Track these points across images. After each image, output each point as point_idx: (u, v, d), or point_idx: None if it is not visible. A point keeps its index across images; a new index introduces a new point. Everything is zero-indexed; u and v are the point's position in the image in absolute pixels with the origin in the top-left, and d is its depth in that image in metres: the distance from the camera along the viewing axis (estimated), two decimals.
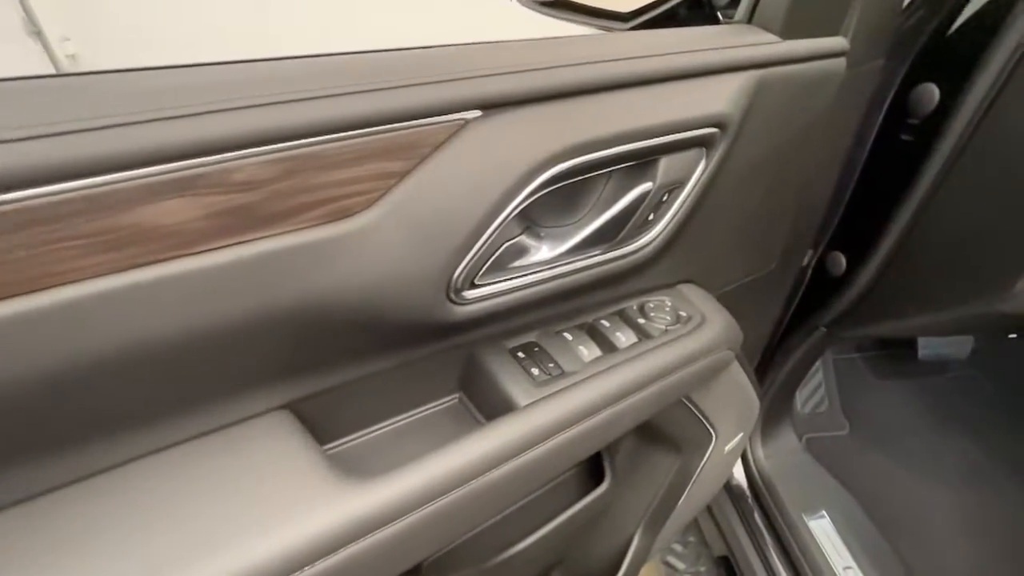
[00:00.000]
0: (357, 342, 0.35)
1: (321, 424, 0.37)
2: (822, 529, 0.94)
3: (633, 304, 0.52)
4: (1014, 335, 1.15)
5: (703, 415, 0.62)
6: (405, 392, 0.42)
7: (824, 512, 0.96)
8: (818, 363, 1.12)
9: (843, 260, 0.80)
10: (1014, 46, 0.56)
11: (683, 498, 0.71)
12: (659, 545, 0.78)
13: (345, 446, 0.39)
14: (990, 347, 1.21)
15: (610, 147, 0.37)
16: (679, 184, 0.43)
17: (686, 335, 0.49)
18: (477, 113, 0.32)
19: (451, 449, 0.35)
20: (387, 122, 0.29)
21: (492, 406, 0.41)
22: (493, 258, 0.36)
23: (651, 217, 0.43)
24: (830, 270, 0.82)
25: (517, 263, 0.38)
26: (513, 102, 0.33)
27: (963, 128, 0.61)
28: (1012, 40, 0.56)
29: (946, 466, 1.05)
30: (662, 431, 0.62)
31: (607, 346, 0.46)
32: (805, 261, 0.85)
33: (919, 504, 0.99)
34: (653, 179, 0.41)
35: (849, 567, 0.89)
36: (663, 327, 0.49)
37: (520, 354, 0.43)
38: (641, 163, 0.40)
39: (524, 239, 0.38)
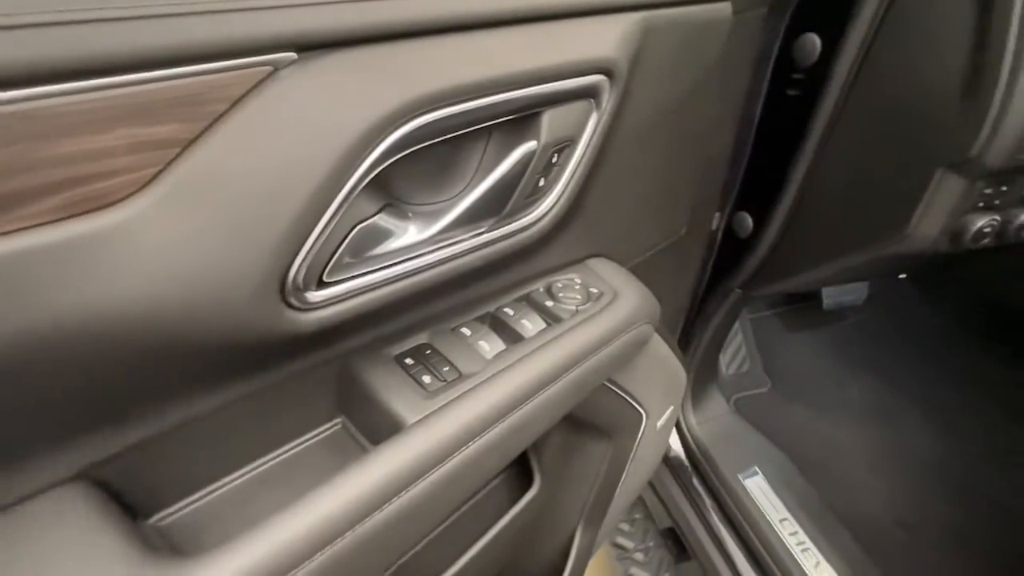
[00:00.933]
0: (170, 375, 0.26)
1: (143, 489, 0.28)
2: (756, 486, 0.96)
3: (539, 286, 0.46)
4: (903, 275, 1.24)
5: (630, 395, 0.58)
6: (264, 427, 0.33)
7: (757, 468, 0.97)
8: (736, 324, 1.14)
9: (749, 220, 0.80)
10: None
11: (621, 484, 0.68)
12: (603, 534, 0.75)
13: (181, 513, 0.30)
14: (882, 290, 1.30)
15: (477, 97, 0.30)
16: (568, 142, 0.37)
17: (599, 313, 0.44)
18: (292, 56, 0.24)
19: (317, 496, 0.27)
20: (152, 67, 0.20)
21: (377, 428, 0.34)
22: (343, 247, 0.28)
23: (541, 183, 0.37)
24: (738, 231, 0.82)
25: (378, 250, 0.30)
26: (343, 41, 0.25)
27: (845, 77, 0.61)
28: None
29: (856, 407, 1.11)
30: (589, 420, 0.57)
31: (512, 337, 0.40)
32: (714, 225, 0.85)
33: (836, 446, 1.04)
34: (537, 136, 0.35)
35: (785, 518, 0.91)
36: (573, 308, 0.44)
37: (408, 360, 0.36)
38: (521, 118, 0.34)
39: (384, 220, 0.30)
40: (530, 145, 0.35)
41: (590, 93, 0.37)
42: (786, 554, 0.85)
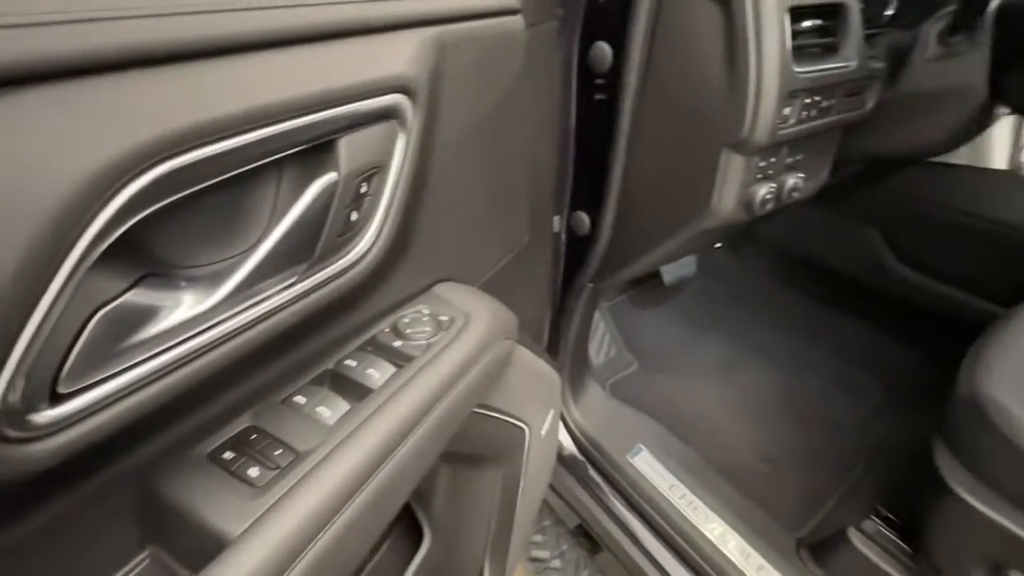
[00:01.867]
0: None
1: None
2: (644, 461, 1.02)
3: (384, 326, 0.42)
4: (719, 244, 1.42)
5: (506, 414, 0.56)
6: None
7: (641, 445, 1.03)
8: (597, 315, 1.21)
9: (586, 219, 0.84)
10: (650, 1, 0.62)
11: (519, 503, 0.66)
12: (514, 559, 0.72)
13: None
14: (707, 260, 1.48)
15: (245, 131, 0.25)
16: (376, 168, 0.34)
17: (453, 342, 0.42)
18: None
19: None
20: None
21: (196, 552, 0.27)
22: (81, 343, 0.21)
23: (354, 216, 0.33)
24: (578, 231, 0.86)
25: (143, 335, 0.24)
26: (44, 74, 0.19)
27: (636, 78, 0.68)
28: None
29: (709, 365, 1.24)
30: (470, 452, 0.55)
31: (359, 393, 0.36)
32: (556, 227, 0.88)
33: (701, 404, 1.15)
34: (336, 167, 0.31)
35: (673, 484, 0.97)
36: (424, 342, 0.41)
37: (227, 455, 0.30)
38: (315, 148, 0.30)
39: (142, 296, 0.24)
40: (330, 177, 0.31)
41: (391, 114, 0.35)
42: (679, 517, 0.91)
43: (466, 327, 0.43)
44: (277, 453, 0.30)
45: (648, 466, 1.01)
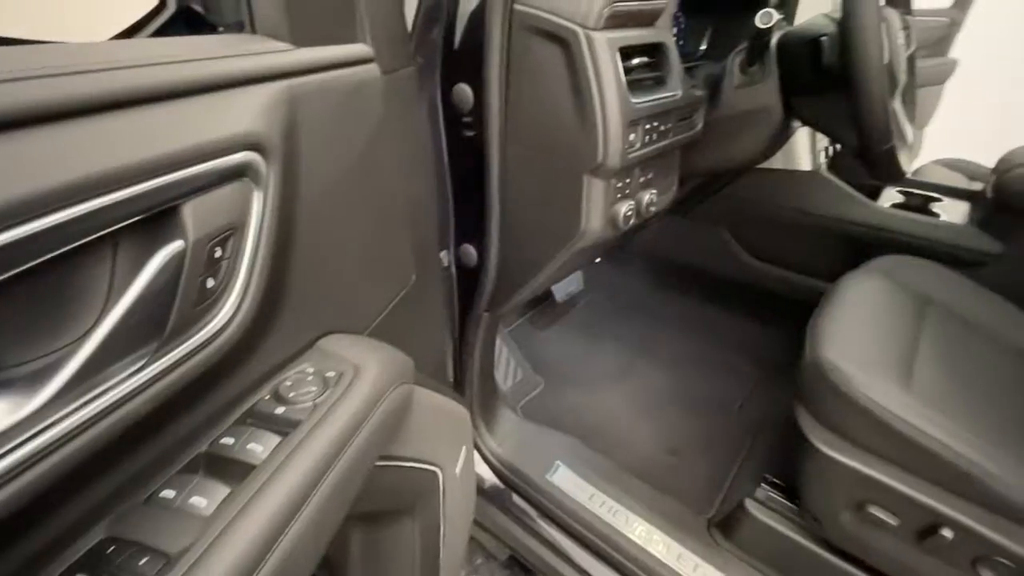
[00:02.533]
0: None
1: None
2: (563, 477, 1.04)
3: (265, 393, 0.39)
4: (599, 259, 1.53)
5: (414, 461, 0.55)
6: None
7: (558, 462, 1.05)
8: (499, 341, 1.23)
9: (473, 251, 0.86)
10: (499, 42, 0.67)
11: (443, 551, 0.64)
12: None
13: None
14: (592, 274, 1.58)
15: (70, 204, 0.23)
16: (232, 230, 0.33)
17: (343, 398, 0.40)
18: None
19: None
20: None
21: None
22: None
23: (210, 283, 0.31)
24: (467, 263, 0.88)
25: None
26: None
27: (498, 115, 0.72)
28: (496, 37, 0.67)
29: (610, 372, 1.31)
30: (380, 509, 0.52)
31: (239, 472, 0.33)
32: (445, 262, 0.89)
33: (606, 410, 1.21)
34: (183, 234, 0.29)
35: (592, 494, 1.00)
36: (310, 403, 0.39)
37: None
38: (156, 216, 0.28)
39: None
40: (176, 246, 0.29)
41: (242, 173, 0.33)
42: (604, 526, 0.94)
43: (356, 380, 0.42)
44: (143, 562, 0.26)
45: (568, 482, 1.03)
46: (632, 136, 0.67)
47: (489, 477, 1.06)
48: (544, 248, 0.78)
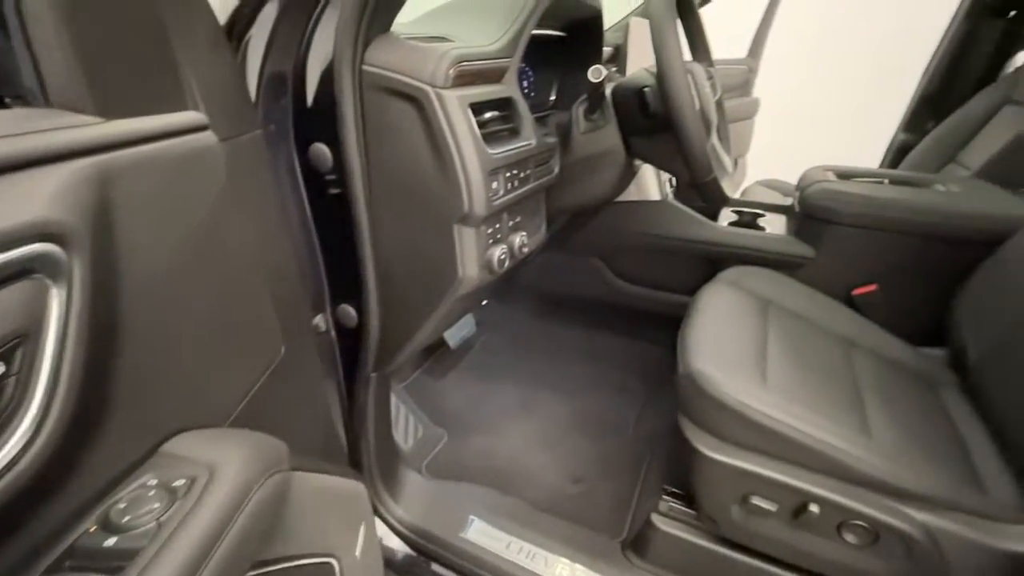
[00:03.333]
0: None
1: None
2: (478, 531, 1.00)
3: (90, 525, 0.33)
4: (484, 301, 1.55)
5: (301, 556, 0.49)
6: None
7: (471, 516, 1.01)
8: (394, 399, 1.17)
9: (352, 311, 0.83)
10: (352, 102, 0.67)
11: None
12: None
13: None
14: (482, 316, 1.60)
15: None
16: (20, 338, 0.27)
17: (197, 507, 0.35)
18: None
19: None
20: None
21: None
22: None
23: None
24: (347, 324, 0.84)
25: None
26: None
27: (361, 172, 0.71)
28: (348, 97, 0.66)
29: (512, 409, 1.31)
30: None
31: None
32: (323, 327, 0.84)
33: (511, 450, 1.20)
34: None
35: (509, 542, 0.98)
36: (154, 523, 0.33)
37: None
38: None
39: None
40: None
41: (32, 269, 0.28)
42: (525, 573, 0.92)
43: (212, 483, 0.37)
44: None
45: (483, 535, 1.00)
46: (495, 184, 0.70)
47: (401, 548, 0.99)
48: (424, 300, 0.77)
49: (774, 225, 1.32)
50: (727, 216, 1.38)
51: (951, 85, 1.69)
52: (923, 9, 1.69)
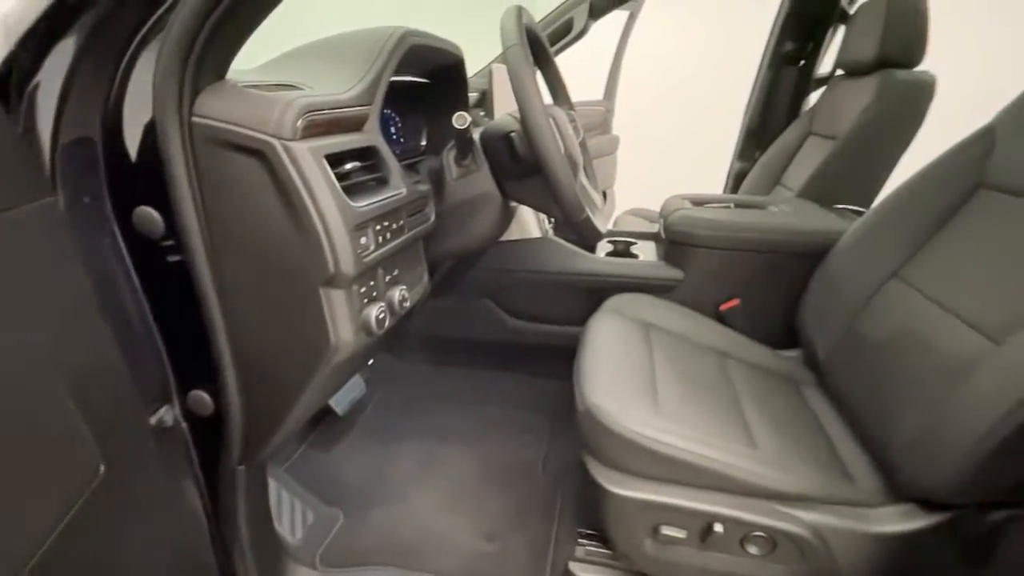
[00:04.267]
0: None
1: None
2: None
3: None
4: (371, 361, 1.44)
5: None
6: None
7: None
8: (273, 486, 1.02)
9: (206, 397, 0.70)
10: (182, 158, 0.58)
11: None
12: None
13: None
14: (374, 372, 1.49)
15: None
16: None
17: None
18: None
19: None
20: None
21: None
22: None
23: None
24: (201, 412, 0.71)
25: None
26: None
27: (201, 237, 0.61)
28: (176, 153, 0.57)
29: (415, 469, 1.21)
30: None
31: None
32: (169, 420, 0.70)
33: (419, 516, 1.10)
34: None
35: None
36: None
37: None
38: None
39: None
40: None
41: None
42: None
43: None
44: None
45: None
46: (363, 239, 0.64)
47: None
48: (295, 375, 0.68)
49: (646, 251, 1.42)
50: (604, 247, 1.45)
51: (767, 121, 1.99)
52: (744, 56, 1.99)
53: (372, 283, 0.69)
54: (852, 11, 1.68)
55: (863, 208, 1.47)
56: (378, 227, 0.67)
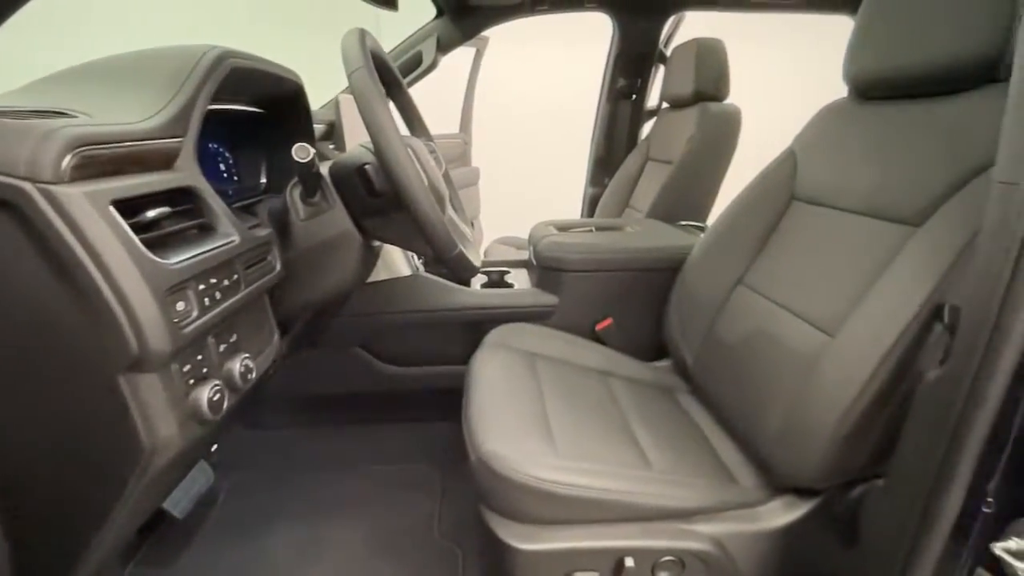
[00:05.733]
0: None
1: None
2: None
3: None
4: (215, 446, 1.19)
5: None
6: None
7: None
8: None
9: None
10: None
11: None
12: None
13: None
14: (224, 454, 1.25)
15: None
16: None
17: None
18: None
19: None
20: None
21: None
22: None
23: None
24: None
25: None
26: None
27: None
28: None
29: (286, 566, 1.02)
30: None
31: None
32: None
33: None
34: None
35: None
36: None
37: None
38: None
39: None
40: None
41: None
42: None
43: None
44: None
45: None
46: (181, 305, 0.50)
47: None
48: (93, 497, 0.50)
49: (519, 279, 1.41)
50: (478, 278, 1.41)
51: (611, 149, 2.16)
52: (590, 89, 2.14)
53: (200, 357, 0.55)
54: (668, 53, 1.91)
55: (703, 223, 1.64)
56: (202, 286, 0.54)
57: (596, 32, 2.02)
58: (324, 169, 0.76)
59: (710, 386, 1.01)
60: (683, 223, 1.57)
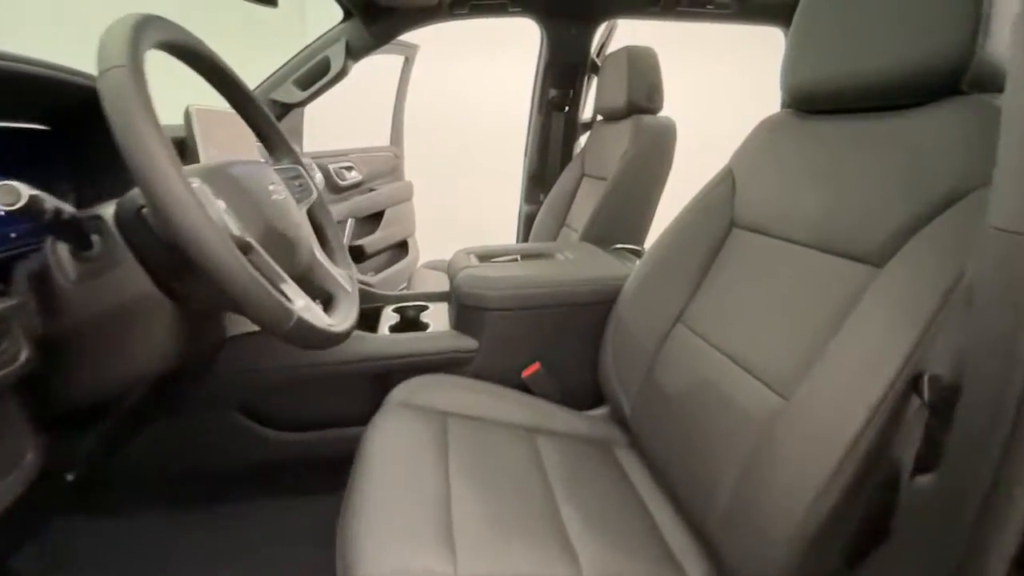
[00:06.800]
0: None
1: None
2: None
3: None
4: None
5: None
6: None
7: None
8: None
9: None
10: None
11: None
12: None
13: None
14: (60, 545, 0.98)
15: None
16: None
17: None
18: None
19: None
20: None
21: None
22: None
23: None
24: None
25: None
26: None
27: None
28: None
29: None
30: None
31: None
32: None
33: None
34: None
35: None
36: None
37: None
38: None
39: None
40: None
41: None
42: None
43: None
44: None
45: None
46: None
47: None
48: None
49: (439, 316, 1.23)
50: (390, 317, 1.22)
51: (545, 164, 2.03)
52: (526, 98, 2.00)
53: None
54: (600, 63, 1.80)
55: (638, 247, 1.52)
56: None
57: (536, 40, 1.89)
58: (108, 211, 0.55)
59: (650, 441, 0.86)
60: (619, 246, 1.44)
